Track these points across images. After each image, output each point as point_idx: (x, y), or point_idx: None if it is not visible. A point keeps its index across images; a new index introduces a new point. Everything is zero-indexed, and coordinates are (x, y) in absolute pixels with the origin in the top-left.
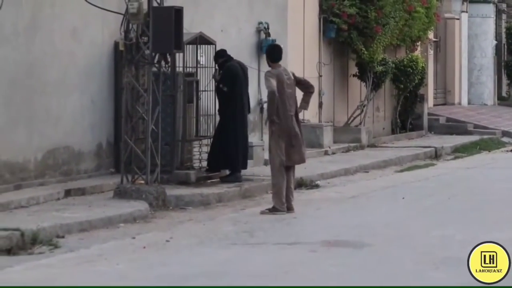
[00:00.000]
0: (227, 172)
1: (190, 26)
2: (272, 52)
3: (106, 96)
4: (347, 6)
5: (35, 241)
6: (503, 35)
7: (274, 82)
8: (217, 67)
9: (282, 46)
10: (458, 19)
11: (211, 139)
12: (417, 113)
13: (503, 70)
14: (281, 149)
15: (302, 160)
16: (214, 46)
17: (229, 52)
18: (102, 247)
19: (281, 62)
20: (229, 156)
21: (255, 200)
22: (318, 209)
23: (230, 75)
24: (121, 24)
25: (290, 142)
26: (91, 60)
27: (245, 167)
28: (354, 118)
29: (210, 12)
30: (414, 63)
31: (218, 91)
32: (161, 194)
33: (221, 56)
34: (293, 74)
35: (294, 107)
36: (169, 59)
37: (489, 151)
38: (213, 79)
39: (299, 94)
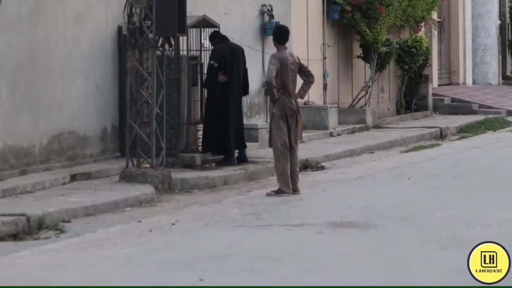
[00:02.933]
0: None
1: (194, 9)
2: (279, 33)
3: (110, 81)
4: None
5: (41, 226)
6: (507, 15)
7: (274, 71)
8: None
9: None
10: None
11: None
12: (421, 93)
13: (507, 49)
14: (283, 130)
15: (299, 138)
16: (217, 29)
17: (232, 35)
18: (108, 231)
19: (287, 44)
20: (221, 141)
21: (260, 182)
22: (324, 190)
23: (219, 52)
24: (124, 8)
25: (289, 123)
26: (95, 44)
27: (240, 147)
28: (359, 99)
29: None
30: (418, 43)
31: (208, 69)
32: (167, 177)
33: (217, 37)
34: (298, 59)
35: (295, 90)
36: (172, 43)
37: (494, 131)
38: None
39: (299, 81)
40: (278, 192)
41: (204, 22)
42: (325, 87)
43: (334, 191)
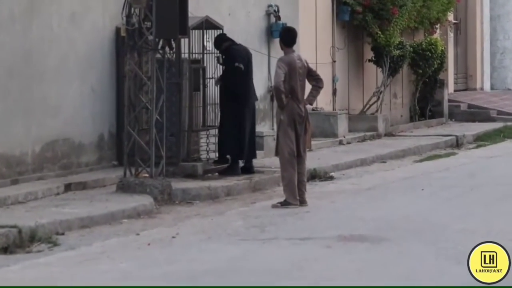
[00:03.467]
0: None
1: (196, 10)
2: (286, 36)
3: (107, 85)
4: None
5: (33, 239)
6: None
7: (282, 76)
8: (219, 53)
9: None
10: None
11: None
12: (436, 99)
13: None
14: (290, 138)
15: (308, 147)
16: (221, 30)
17: (237, 37)
18: (104, 244)
19: (294, 47)
20: (230, 146)
21: (266, 193)
22: (333, 202)
23: (241, 55)
24: (123, 8)
25: (297, 131)
26: (91, 46)
27: (251, 157)
28: (370, 105)
29: None
30: (433, 46)
31: (232, 71)
32: (167, 187)
33: (225, 40)
34: (306, 63)
35: (303, 95)
36: (173, 45)
37: None
38: (219, 64)
39: (307, 86)
40: (285, 204)
41: (206, 24)
42: (334, 92)
43: (344, 202)
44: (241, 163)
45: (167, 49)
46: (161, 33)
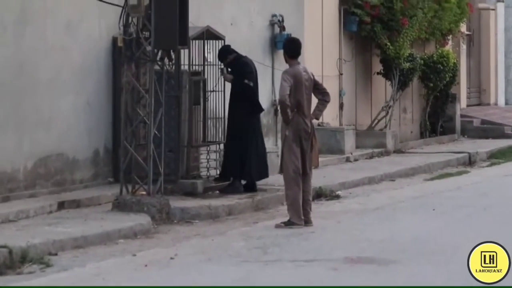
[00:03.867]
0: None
1: (197, 19)
2: (290, 47)
3: (103, 97)
4: None
5: (24, 259)
6: None
7: (287, 89)
8: (222, 66)
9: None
10: (493, 9)
11: (223, 145)
12: (448, 114)
13: None
14: (296, 155)
15: (315, 164)
16: (223, 41)
17: (240, 48)
18: (99, 266)
19: (299, 59)
20: (233, 163)
21: (268, 212)
22: (339, 222)
23: (250, 70)
24: (120, 17)
25: (303, 147)
26: (87, 57)
27: (263, 176)
28: (379, 120)
29: (218, 4)
30: (445, 59)
31: (241, 88)
32: (165, 206)
33: (230, 52)
34: (312, 75)
35: (310, 110)
36: (173, 56)
37: None
38: (223, 78)
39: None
40: (289, 224)
41: (208, 34)
42: (341, 106)
43: (350, 222)
44: (243, 181)
45: (166, 60)
46: (160, 43)
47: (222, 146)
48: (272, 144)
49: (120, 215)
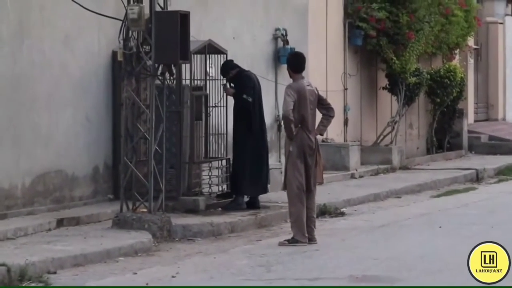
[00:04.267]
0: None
1: (198, 33)
2: (294, 62)
3: (103, 113)
4: (375, 9)
5: (23, 278)
6: None
7: (291, 104)
8: (225, 81)
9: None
10: (501, 23)
11: (225, 161)
12: (455, 130)
13: None
14: (300, 171)
15: (320, 181)
16: (225, 55)
17: (242, 62)
18: (99, 284)
19: (303, 73)
20: (235, 178)
21: (272, 230)
22: (344, 240)
23: (251, 85)
24: (120, 31)
25: (307, 163)
26: (86, 71)
27: (264, 191)
28: (384, 136)
29: (220, 17)
30: (452, 73)
31: (241, 104)
32: (166, 223)
33: (233, 67)
34: (317, 90)
35: (314, 125)
36: (174, 71)
37: None
38: (225, 92)
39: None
40: (292, 241)
41: (209, 48)
42: (346, 122)
43: (355, 240)
44: (246, 198)
45: (167, 75)
46: (161, 58)
47: (224, 162)
48: (276, 160)
49: (120, 233)
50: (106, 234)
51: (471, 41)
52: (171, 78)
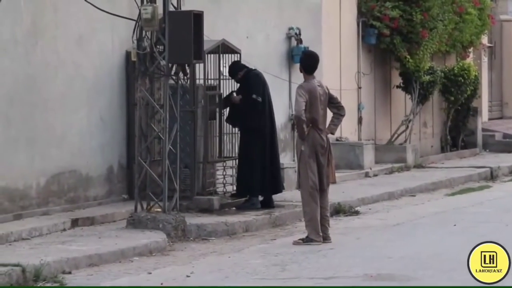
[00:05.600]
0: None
1: (212, 33)
2: (307, 62)
3: (117, 113)
4: (389, 8)
5: (38, 278)
6: None
7: (303, 104)
8: (230, 92)
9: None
10: None
11: (237, 160)
12: (469, 128)
13: None
14: (313, 171)
15: (332, 180)
16: (238, 55)
17: (255, 62)
18: (114, 284)
19: (316, 72)
20: (246, 179)
21: (286, 229)
22: (358, 238)
23: (259, 83)
24: (133, 31)
25: (320, 162)
26: (99, 71)
27: (276, 191)
28: (399, 135)
29: (234, 17)
30: (466, 71)
31: (249, 103)
32: (181, 223)
33: (241, 68)
34: (327, 89)
35: (325, 124)
36: (188, 71)
37: None
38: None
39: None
40: (307, 240)
41: (223, 47)
42: (360, 121)
43: (370, 239)
44: (260, 197)
45: (180, 74)
46: (175, 57)
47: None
48: (290, 160)
49: (135, 233)
50: (120, 234)
51: (485, 39)
52: (185, 77)
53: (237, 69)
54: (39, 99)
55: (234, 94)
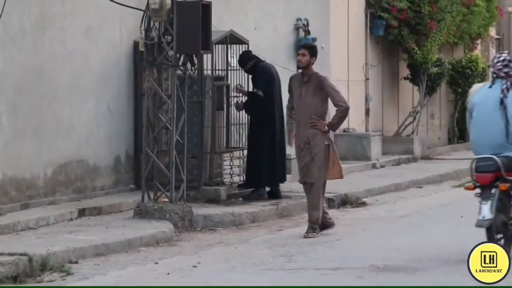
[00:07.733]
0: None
1: (220, 23)
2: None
3: (124, 103)
4: None
5: (44, 268)
6: None
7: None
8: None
9: (323, 45)
10: None
11: (245, 151)
12: None
13: None
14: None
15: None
16: (246, 45)
17: (263, 53)
18: (120, 274)
19: (318, 64)
20: (255, 170)
21: (293, 219)
22: (365, 229)
23: (264, 76)
24: (142, 22)
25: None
26: (107, 62)
27: (281, 180)
28: (406, 126)
29: (242, 8)
30: (474, 63)
31: (252, 98)
32: (188, 213)
33: (251, 58)
34: (322, 82)
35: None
36: (195, 61)
37: None
38: (236, 109)
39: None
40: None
41: (231, 38)
42: (367, 112)
43: (377, 230)
44: (267, 188)
45: (188, 65)
46: (183, 48)
47: (245, 152)
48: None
49: (141, 223)
50: (127, 224)
51: (492, 31)
52: (193, 68)
53: (247, 59)
54: (47, 89)
55: (239, 103)
